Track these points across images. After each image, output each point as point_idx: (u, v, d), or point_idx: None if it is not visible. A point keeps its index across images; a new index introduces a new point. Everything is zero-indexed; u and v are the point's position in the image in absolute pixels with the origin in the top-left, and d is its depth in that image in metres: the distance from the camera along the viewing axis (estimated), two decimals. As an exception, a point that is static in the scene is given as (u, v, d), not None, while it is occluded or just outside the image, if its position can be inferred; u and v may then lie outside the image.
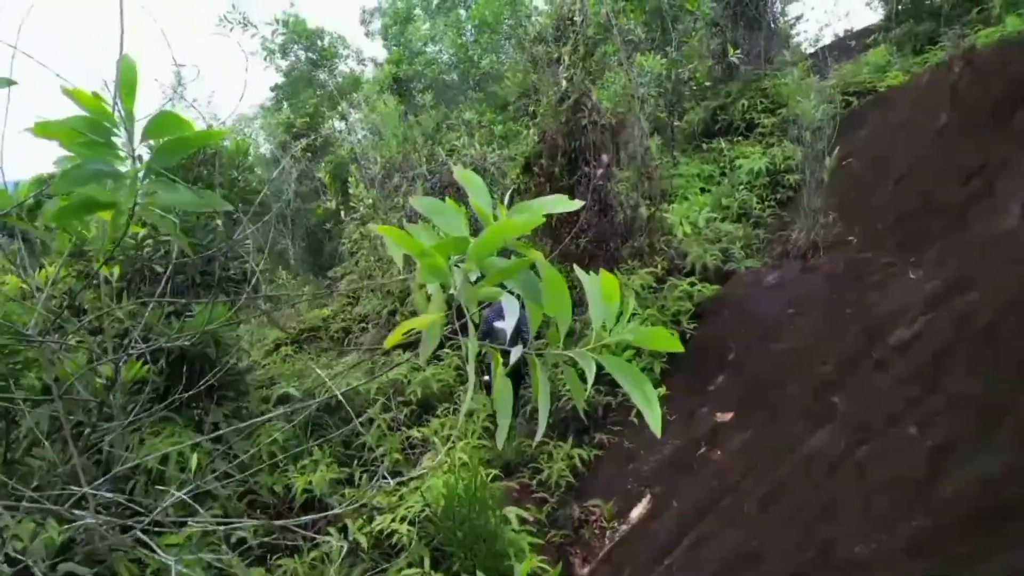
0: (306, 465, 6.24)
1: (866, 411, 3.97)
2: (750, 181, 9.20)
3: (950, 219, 4.76)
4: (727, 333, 5.71)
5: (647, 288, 6.40)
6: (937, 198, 5.07)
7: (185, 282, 5.87)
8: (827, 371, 4.46)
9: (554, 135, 6.52)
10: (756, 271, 6.16)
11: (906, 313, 4.27)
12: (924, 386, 3.78)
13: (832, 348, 4.56)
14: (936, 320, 4.01)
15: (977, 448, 3.11)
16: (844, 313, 4.76)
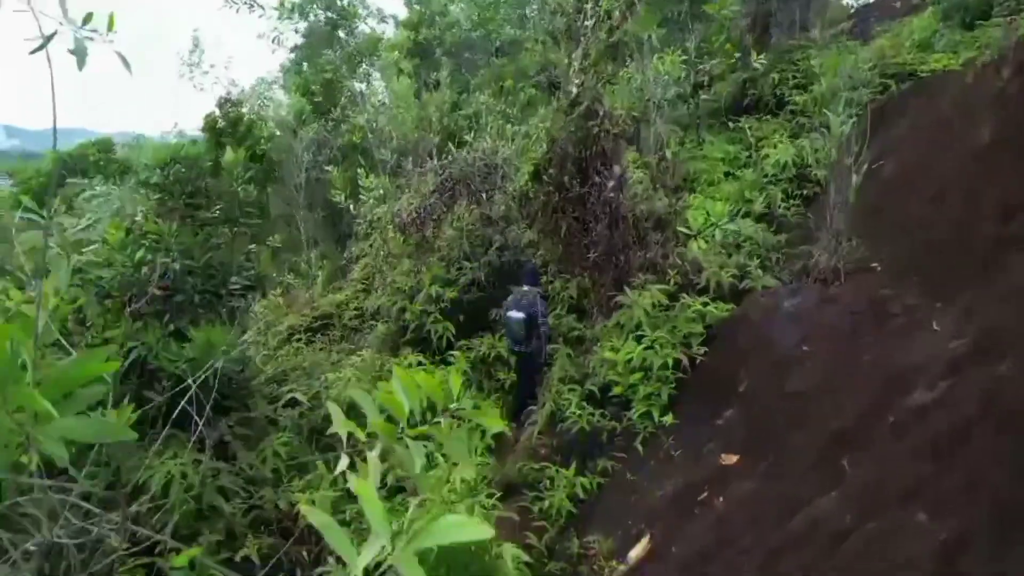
0: (310, 480, 6.24)
1: (876, 482, 3.75)
2: (775, 174, 8.74)
3: (984, 261, 4.40)
4: (739, 362, 5.47)
5: (658, 307, 6.14)
6: (971, 232, 4.69)
7: (185, 301, 5.79)
8: (838, 427, 4.22)
9: (564, 143, 6.19)
10: (774, 292, 5.85)
11: (927, 372, 3.98)
12: (940, 464, 3.54)
13: (845, 400, 4.30)
14: (959, 388, 3.73)
15: (994, 547, 2.90)
16: (860, 360, 4.48)
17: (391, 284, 8.79)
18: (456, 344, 8.10)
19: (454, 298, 8.31)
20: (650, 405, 5.70)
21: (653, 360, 5.76)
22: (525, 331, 7.00)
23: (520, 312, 6.96)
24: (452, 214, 8.58)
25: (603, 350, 6.10)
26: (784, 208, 8.03)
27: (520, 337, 7.06)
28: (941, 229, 5.02)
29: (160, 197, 5.68)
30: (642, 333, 6.00)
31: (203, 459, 5.93)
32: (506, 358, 7.77)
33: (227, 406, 6.63)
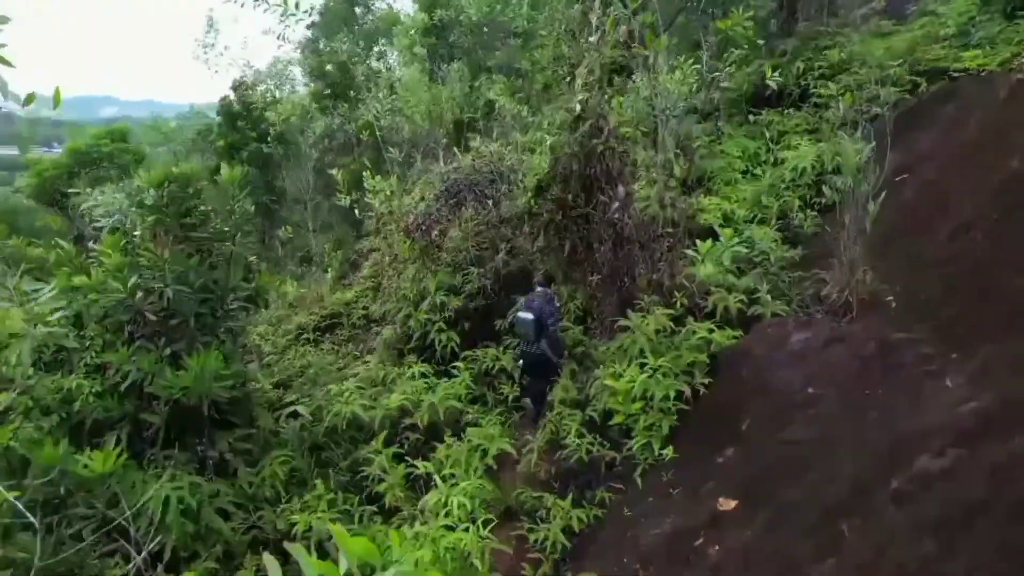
0: (308, 501, 6.23)
1: (875, 556, 3.59)
2: (794, 179, 8.38)
3: (1008, 314, 4.13)
4: (742, 397, 5.28)
5: (662, 332, 5.95)
6: (997, 277, 4.41)
7: (182, 324, 5.73)
8: (839, 486, 4.04)
9: (568, 160, 5.95)
10: (783, 323, 5.61)
11: (935, 436, 3.77)
12: (943, 545, 3.36)
13: (847, 458, 4.11)
14: (968, 461, 3.52)
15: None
16: (866, 413, 4.27)
17: (396, 290, 8.69)
18: (461, 354, 7.99)
19: (459, 307, 8.18)
20: (650, 436, 5.55)
21: (655, 390, 5.59)
22: (534, 332, 6.88)
23: (530, 313, 6.82)
24: (458, 220, 8.40)
25: (605, 375, 5.94)
26: (800, 218, 7.70)
27: (529, 338, 6.94)
28: (963, 268, 4.73)
29: (156, 218, 5.57)
30: (645, 360, 5.83)
31: (202, 480, 5.95)
32: (510, 371, 7.65)
33: (229, 422, 6.64)
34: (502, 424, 7.11)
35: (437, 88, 12.49)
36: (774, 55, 12.38)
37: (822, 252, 6.82)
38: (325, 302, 10.83)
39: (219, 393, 5.45)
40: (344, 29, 21.34)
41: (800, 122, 10.57)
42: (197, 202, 5.96)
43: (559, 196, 6.07)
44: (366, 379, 7.74)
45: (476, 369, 7.78)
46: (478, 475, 6.31)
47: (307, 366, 8.72)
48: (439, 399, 7.00)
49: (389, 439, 7.02)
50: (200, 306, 5.81)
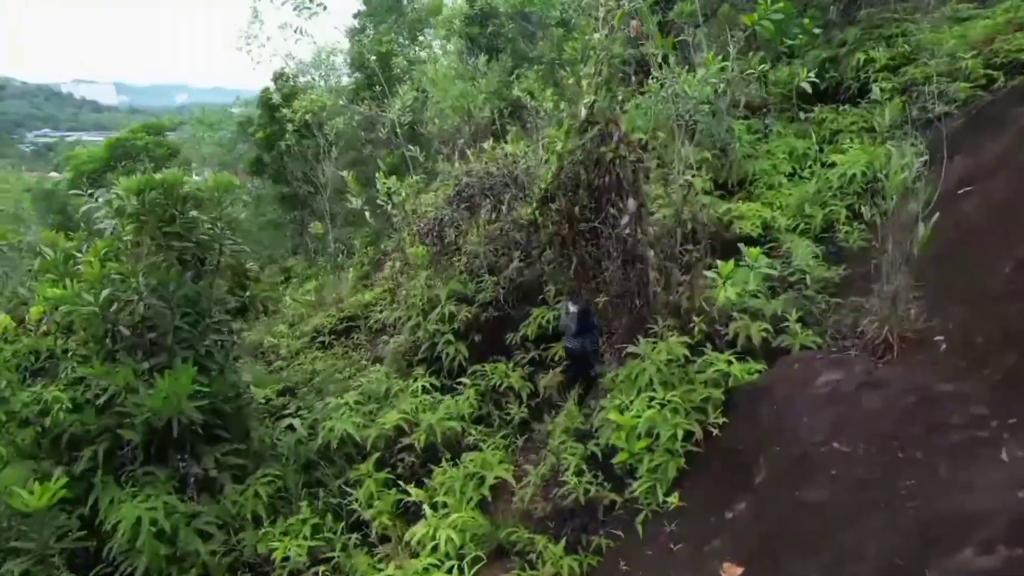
0: (292, 524, 5.90)
1: (898, 670, 2.96)
2: (842, 187, 7.53)
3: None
4: (759, 443, 4.62)
5: (675, 362, 5.33)
6: (1068, 323, 3.64)
7: (159, 339, 5.45)
8: (860, 570, 3.39)
9: (575, 168, 5.37)
10: (811, 359, 4.91)
11: (984, 526, 3.08)
12: (982, 671, 2.70)
13: (873, 533, 3.45)
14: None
15: None
16: (900, 480, 3.58)
17: (405, 297, 8.29)
18: (469, 368, 7.52)
19: (469, 317, 7.71)
20: (655, 479, 4.97)
21: (662, 427, 4.99)
22: (578, 325, 6.38)
23: (575, 305, 6.29)
24: (472, 224, 7.92)
25: (609, 408, 5.36)
26: (847, 231, 6.89)
27: (571, 331, 6.43)
28: (1028, 307, 3.95)
29: (135, 226, 5.29)
30: (653, 393, 5.22)
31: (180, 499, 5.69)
32: (518, 390, 7.14)
33: (218, 436, 6.37)
34: (505, 449, 6.61)
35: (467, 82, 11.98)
36: (832, 45, 11.36)
37: (867, 272, 6.05)
38: (343, 304, 10.56)
39: (192, 413, 5.14)
40: (389, 18, 21.09)
41: (856, 120, 9.61)
42: (183, 209, 5.64)
43: (565, 207, 5.49)
44: (368, 392, 7.36)
45: (483, 386, 7.29)
46: (471, 506, 5.86)
47: (315, 372, 8.44)
48: (437, 420, 6.55)
49: (384, 460, 6.64)
50: (181, 319, 5.51)
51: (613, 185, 5.24)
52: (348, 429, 6.49)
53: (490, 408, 7.20)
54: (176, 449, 5.87)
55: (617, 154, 5.14)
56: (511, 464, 6.32)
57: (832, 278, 6.06)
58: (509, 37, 18.16)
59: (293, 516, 5.97)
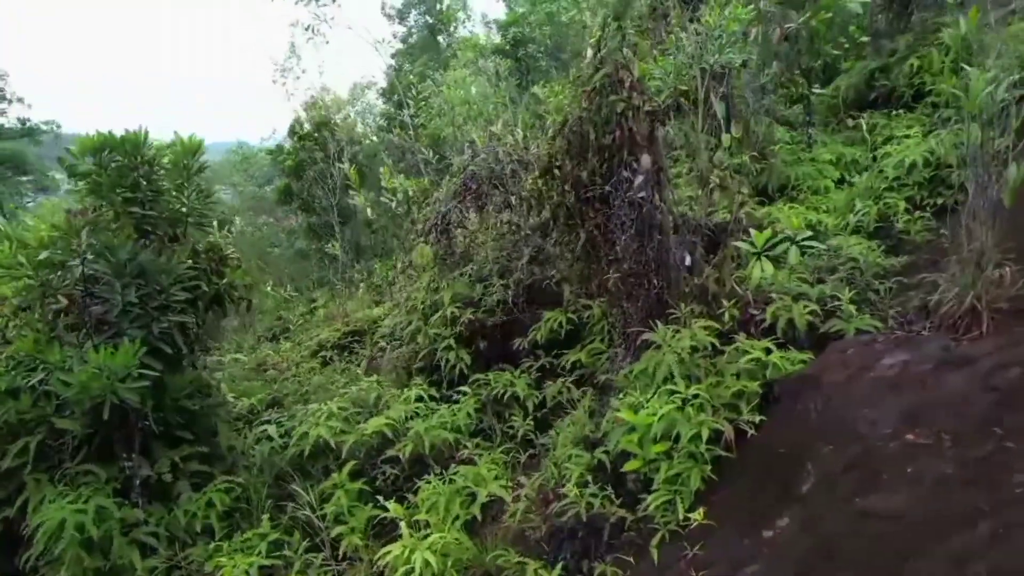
0: (248, 539, 5.05)
1: None
2: (899, 177, 6.60)
3: None
4: (805, 443, 3.65)
5: (701, 351, 4.41)
6: None
7: (106, 315, 4.80)
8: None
9: (581, 125, 4.63)
10: (869, 342, 3.95)
11: None
12: None
13: (978, 551, 2.45)
14: None
15: None
16: (1001, 477, 2.59)
17: (406, 301, 7.56)
18: (471, 377, 6.66)
19: (472, 321, 6.90)
20: (674, 492, 4.00)
21: (683, 428, 4.05)
22: None
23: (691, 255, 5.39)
24: (481, 220, 7.21)
25: (621, 406, 4.45)
26: (906, 221, 5.93)
27: None
28: None
29: (88, 188, 4.73)
30: (674, 387, 4.30)
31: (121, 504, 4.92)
32: (523, 400, 6.24)
33: (180, 437, 5.63)
34: (504, 465, 5.68)
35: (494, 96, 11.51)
36: (881, 55, 10.57)
37: (936, 261, 5.07)
38: (349, 318, 9.91)
39: (128, 396, 4.41)
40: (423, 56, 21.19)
41: (912, 123, 8.69)
42: (148, 176, 5.08)
43: (571, 173, 4.73)
44: (356, 400, 6.55)
45: (485, 395, 6.42)
46: (457, 526, 4.92)
47: (308, 385, 7.71)
48: (427, 428, 5.69)
49: (363, 472, 5.79)
50: (136, 294, 4.86)
51: (625, 142, 4.47)
52: (323, 434, 5.67)
53: (491, 420, 6.31)
54: (124, 447, 5.14)
55: (630, 104, 4.39)
56: (509, 481, 5.38)
57: (892, 266, 5.09)
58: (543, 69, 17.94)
59: (252, 530, 5.12)
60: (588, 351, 6.24)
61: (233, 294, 5.97)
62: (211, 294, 5.90)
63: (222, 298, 5.99)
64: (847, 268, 5.00)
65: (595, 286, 5.12)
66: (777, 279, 4.61)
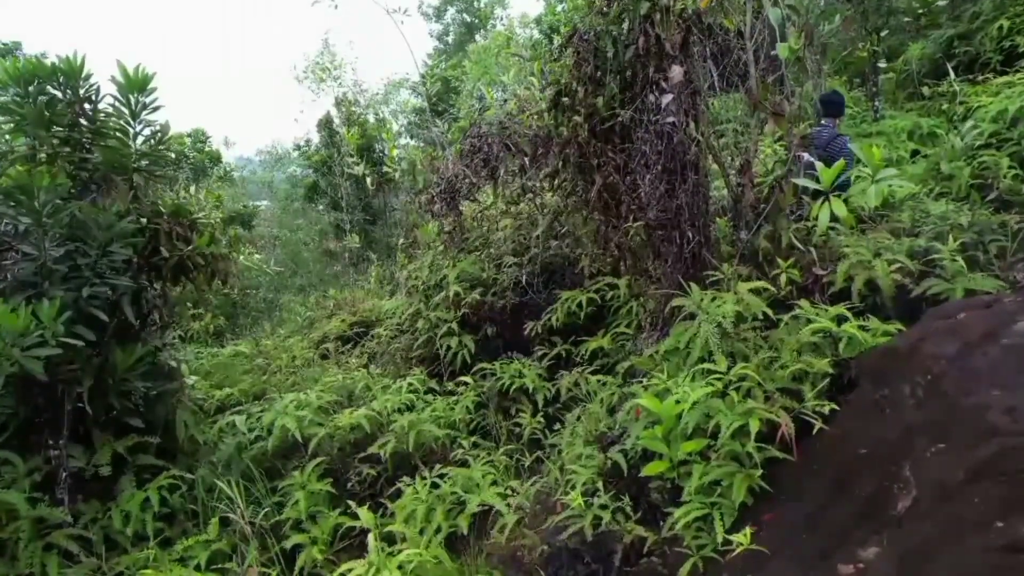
0: (189, 547, 4.19)
1: None
2: (999, 131, 5.40)
3: None
4: (899, 442, 2.56)
5: (749, 321, 3.37)
6: None
7: (23, 273, 4.03)
8: None
9: (596, 37, 3.66)
10: (988, 303, 2.84)
11: None
12: None
13: None
14: None
15: None
16: None
17: (407, 281, 6.66)
18: (476, 367, 5.70)
19: (480, 303, 5.95)
20: (712, 505, 2.96)
21: (724, 419, 3.00)
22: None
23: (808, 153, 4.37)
24: (492, 189, 6.26)
25: (641, 392, 3.42)
26: (1015, 180, 4.74)
27: None
28: None
29: (16, 125, 3.99)
30: (713, 367, 3.26)
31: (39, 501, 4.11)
32: (532, 392, 5.24)
33: (127, 425, 4.82)
34: (506, 469, 4.69)
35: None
36: (961, 21, 9.30)
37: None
38: (356, 308, 9.08)
39: (30, 364, 3.59)
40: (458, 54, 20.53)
41: (1006, 86, 7.42)
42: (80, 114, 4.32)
43: (584, 100, 3.75)
44: (340, 389, 5.66)
45: (492, 387, 5.45)
46: (438, 541, 3.95)
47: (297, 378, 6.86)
48: (410, 422, 4.75)
49: (338, 472, 4.87)
50: (61, 248, 4.08)
51: (651, 54, 3.47)
52: (289, 425, 4.78)
53: (495, 416, 5.32)
54: (51, 433, 4.34)
55: (656, 4, 3.40)
56: (508, 488, 4.37)
57: (1004, 222, 3.93)
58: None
59: (193, 537, 4.25)
60: (611, 336, 5.21)
61: (198, 262, 5.17)
62: (173, 261, 5.12)
63: (186, 267, 5.20)
64: (944, 224, 3.87)
65: (615, 246, 4.09)
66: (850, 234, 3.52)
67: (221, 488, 4.67)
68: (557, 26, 15.98)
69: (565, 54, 3.83)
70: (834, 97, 5.54)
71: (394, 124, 19.78)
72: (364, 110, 18.66)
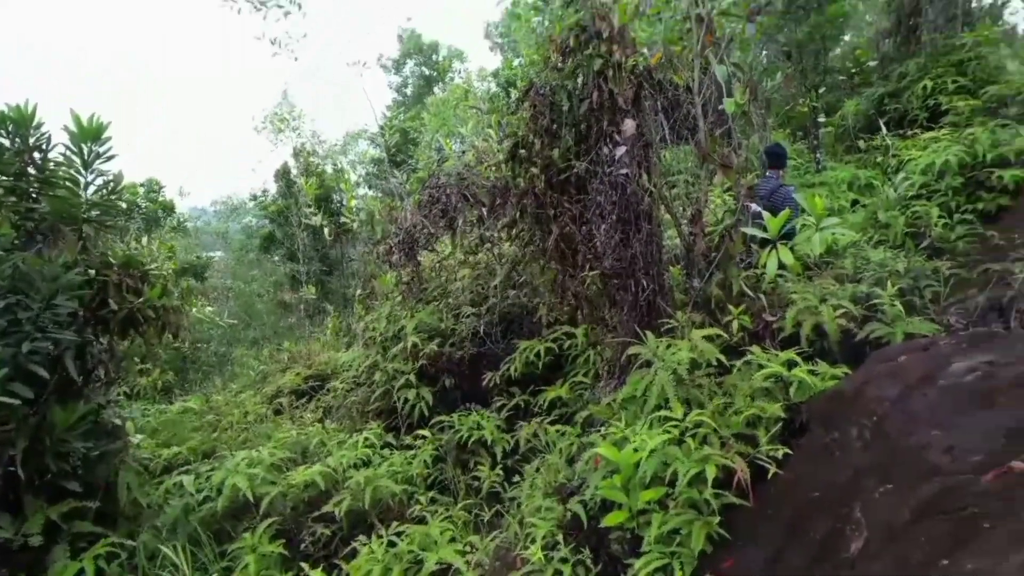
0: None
1: None
2: (928, 183, 5.73)
3: None
4: (849, 484, 2.61)
5: (703, 367, 3.43)
6: None
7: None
8: None
9: (552, 91, 3.79)
10: (929, 343, 2.96)
11: None
12: None
13: None
14: None
15: None
16: None
17: (364, 332, 6.59)
18: (434, 419, 5.61)
19: (438, 354, 5.91)
20: (671, 555, 2.94)
21: (681, 466, 3.02)
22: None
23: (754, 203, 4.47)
24: (451, 239, 6.31)
25: (602, 440, 3.43)
26: (944, 227, 5.02)
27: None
28: None
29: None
30: (669, 414, 3.29)
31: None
32: (491, 445, 5.18)
33: (64, 489, 4.56)
34: (464, 525, 4.59)
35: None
36: (890, 80, 9.93)
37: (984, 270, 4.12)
38: (312, 361, 8.90)
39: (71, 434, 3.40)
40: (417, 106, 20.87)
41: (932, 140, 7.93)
42: (38, 163, 4.24)
43: (540, 152, 3.86)
44: (293, 445, 5.50)
45: (450, 440, 5.37)
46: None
47: (250, 432, 6.64)
48: (367, 478, 4.63)
49: (291, 532, 4.69)
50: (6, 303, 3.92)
51: (606, 107, 3.61)
52: (240, 484, 4.60)
53: (453, 470, 5.23)
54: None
55: (609, 61, 3.55)
56: (467, 544, 4.26)
57: (938, 268, 4.13)
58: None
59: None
60: (570, 386, 5.22)
61: (148, 315, 5.02)
62: (123, 314, 4.97)
63: (136, 320, 5.05)
64: (882, 271, 4.05)
65: (572, 295, 4.15)
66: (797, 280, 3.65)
67: (165, 554, 4.48)
68: (514, 80, 16.46)
69: (522, 107, 3.95)
70: (777, 149, 5.84)
71: (353, 174, 19.88)
72: (323, 160, 18.72)
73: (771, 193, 5.35)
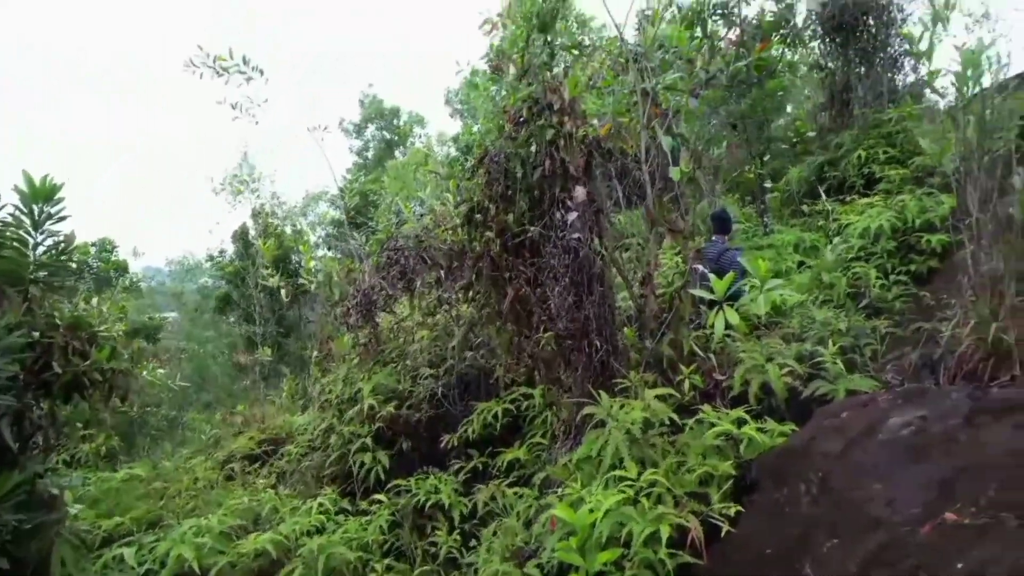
0: None
1: None
2: (865, 246, 6.05)
3: None
4: (799, 539, 2.66)
5: (656, 427, 3.48)
6: None
7: None
8: None
9: (506, 159, 3.94)
10: (868, 400, 3.09)
11: None
12: None
13: None
14: None
15: None
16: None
17: (320, 394, 6.49)
18: (391, 483, 5.50)
19: (395, 417, 5.85)
20: (629, 618, 2.91)
21: (636, 526, 3.03)
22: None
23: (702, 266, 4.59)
24: (409, 301, 6.34)
25: (558, 502, 3.43)
26: (881, 288, 5.28)
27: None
28: None
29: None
30: (624, 473, 3.32)
31: None
32: (448, 508, 5.09)
33: None
34: (422, 593, 4.46)
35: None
36: (829, 149, 10.54)
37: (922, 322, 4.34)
38: (266, 424, 8.67)
39: None
40: (377, 169, 21.15)
41: (868, 206, 8.41)
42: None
43: (495, 217, 3.98)
44: (243, 512, 5.30)
45: (406, 504, 5.26)
46: None
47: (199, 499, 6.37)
48: (320, 546, 4.48)
49: (238, 607, 4.48)
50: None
51: (558, 175, 3.77)
52: (185, 554, 4.40)
53: (410, 536, 5.10)
54: None
55: (560, 131, 3.74)
56: None
57: (876, 327, 4.33)
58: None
59: None
60: (527, 447, 5.19)
61: (95, 378, 4.87)
62: (67, 378, 4.81)
63: (82, 384, 4.89)
64: (825, 330, 4.23)
65: (528, 356, 4.20)
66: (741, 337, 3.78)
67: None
68: (473, 144, 16.91)
69: (477, 173, 4.08)
70: (723, 215, 6.12)
71: (312, 236, 19.88)
72: (282, 221, 18.70)
73: (718, 256, 5.60)
